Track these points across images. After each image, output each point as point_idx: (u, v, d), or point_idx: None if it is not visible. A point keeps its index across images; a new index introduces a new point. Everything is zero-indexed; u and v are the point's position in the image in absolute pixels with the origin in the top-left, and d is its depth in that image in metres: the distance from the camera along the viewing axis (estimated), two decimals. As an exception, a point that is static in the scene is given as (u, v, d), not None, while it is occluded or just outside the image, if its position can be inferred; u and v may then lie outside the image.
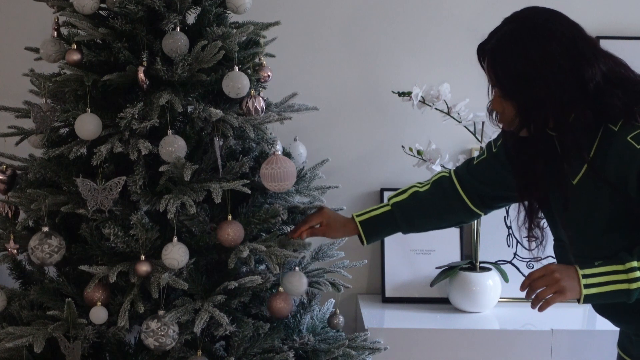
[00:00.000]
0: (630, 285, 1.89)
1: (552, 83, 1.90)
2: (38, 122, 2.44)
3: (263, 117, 2.46)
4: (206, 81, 2.43)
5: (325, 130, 3.22)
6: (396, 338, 2.89)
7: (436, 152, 2.98)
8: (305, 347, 2.60)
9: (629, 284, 1.89)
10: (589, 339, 2.91)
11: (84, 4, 2.39)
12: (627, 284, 1.89)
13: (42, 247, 2.37)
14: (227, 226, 2.37)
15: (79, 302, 2.41)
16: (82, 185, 2.33)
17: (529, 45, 1.92)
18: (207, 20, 2.47)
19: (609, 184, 1.92)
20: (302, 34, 3.20)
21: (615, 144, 1.92)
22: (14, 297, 2.52)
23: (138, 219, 2.33)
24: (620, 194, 1.92)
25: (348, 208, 3.10)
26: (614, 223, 1.96)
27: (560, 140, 1.97)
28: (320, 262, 2.71)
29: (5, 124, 2.63)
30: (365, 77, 3.23)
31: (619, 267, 1.90)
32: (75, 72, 2.39)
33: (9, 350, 2.39)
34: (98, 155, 2.33)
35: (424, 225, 2.43)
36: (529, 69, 1.91)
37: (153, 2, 2.37)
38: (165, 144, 2.35)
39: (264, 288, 2.50)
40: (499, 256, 3.20)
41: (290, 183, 2.41)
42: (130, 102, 2.37)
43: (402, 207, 2.41)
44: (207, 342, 2.49)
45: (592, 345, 2.90)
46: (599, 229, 1.98)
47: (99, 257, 2.40)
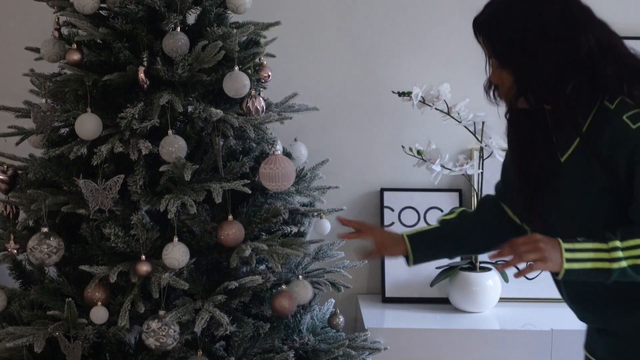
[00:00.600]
0: (612, 264, 1.86)
1: (548, 47, 1.90)
2: (38, 122, 2.44)
3: (263, 117, 2.46)
4: (206, 81, 2.43)
5: (325, 130, 3.22)
6: (396, 338, 2.89)
7: (436, 152, 2.98)
8: (305, 347, 2.60)
9: (610, 263, 1.86)
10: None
11: (84, 4, 2.39)
12: (608, 262, 1.86)
13: (41, 247, 2.37)
14: (227, 226, 2.37)
15: (79, 302, 2.41)
16: (85, 186, 2.33)
17: (524, 10, 1.93)
18: (207, 20, 2.47)
19: (600, 161, 1.92)
20: (302, 34, 3.20)
21: (610, 123, 1.91)
22: (14, 297, 2.52)
23: (139, 218, 2.33)
24: (610, 176, 1.92)
25: (348, 208, 3.10)
26: (601, 208, 1.96)
27: (554, 110, 1.96)
28: (321, 262, 2.71)
29: (6, 123, 2.63)
30: (365, 77, 3.23)
31: (602, 246, 1.87)
32: (76, 72, 2.39)
33: (9, 350, 2.39)
34: (98, 155, 2.33)
35: (472, 244, 2.32)
36: (524, 33, 1.92)
37: (153, 2, 2.37)
38: (166, 144, 2.35)
39: (264, 288, 2.50)
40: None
41: (288, 183, 2.41)
42: (131, 102, 2.38)
43: (451, 224, 2.29)
44: (207, 342, 2.49)
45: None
46: (585, 212, 1.98)
47: (99, 257, 2.40)
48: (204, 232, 2.42)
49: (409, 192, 3.24)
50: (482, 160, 3.05)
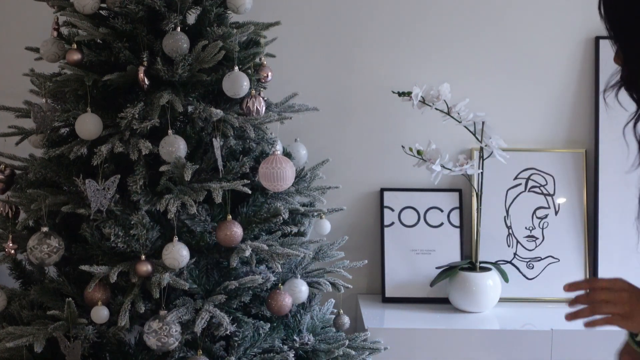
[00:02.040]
0: None
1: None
2: (38, 122, 2.44)
3: (263, 117, 2.46)
4: (206, 81, 2.43)
5: (325, 131, 3.22)
6: (396, 338, 2.89)
7: (436, 152, 2.98)
8: (305, 347, 2.60)
9: None
10: (589, 339, 2.91)
11: (84, 4, 2.39)
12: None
13: (41, 247, 2.37)
14: (225, 226, 2.37)
15: (79, 302, 2.41)
16: (88, 186, 2.32)
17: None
18: (207, 20, 2.47)
19: None
20: (302, 34, 3.20)
21: None
22: (14, 297, 2.52)
23: (139, 218, 2.33)
24: None
25: (348, 208, 3.10)
26: None
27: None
28: (320, 262, 2.71)
29: (6, 123, 2.63)
30: (366, 77, 3.23)
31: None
32: (76, 72, 2.39)
33: (9, 350, 2.39)
34: (98, 155, 2.33)
35: None
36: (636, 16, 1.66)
37: (153, 2, 2.37)
38: (166, 144, 2.35)
39: (264, 288, 2.50)
40: (499, 256, 3.20)
41: (287, 183, 2.41)
42: (131, 102, 2.38)
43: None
44: (207, 342, 2.49)
45: (592, 345, 2.90)
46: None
47: (99, 257, 2.40)
48: (204, 232, 2.42)
49: (409, 192, 3.24)
50: (482, 160, 3.05)
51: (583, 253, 3.18)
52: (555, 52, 3.20)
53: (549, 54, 3.20)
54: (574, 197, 3.20)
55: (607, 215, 3.16)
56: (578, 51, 3.21)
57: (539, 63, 3.20)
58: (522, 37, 3.19)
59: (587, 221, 3.19)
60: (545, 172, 3.22)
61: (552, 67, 3.21)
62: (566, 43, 3.20)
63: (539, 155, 3.22)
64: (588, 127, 3.22)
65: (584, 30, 3.19)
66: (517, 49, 3.19)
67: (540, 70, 3.21)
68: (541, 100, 3.22)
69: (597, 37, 3.17)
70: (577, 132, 3.23)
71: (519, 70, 3.20)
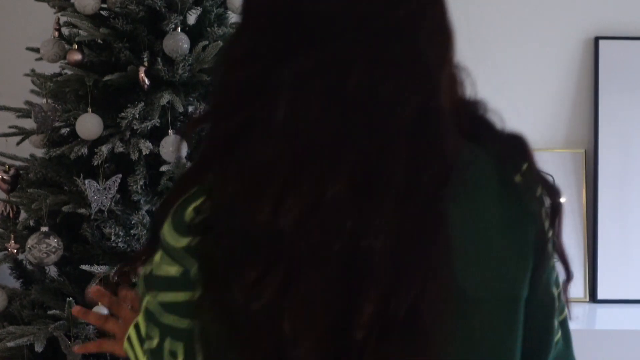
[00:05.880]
0: None
1: None
2: (39, 122, 2.45)
3: (263, 117, 2.47)
4: (207, 81, 2.43)
5: (325, 130, 3.22)
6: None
7: (436, 152, 2.98)
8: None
9: None
10: (589, 339, 2.91)
11: (85, 5, 2.39)
12: None
13: (40, 246, 2.37)
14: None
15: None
16: (89, 186, 2.33)
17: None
18: (208, 21, 2.47)
19: None
20: (302, 34, 3.20)
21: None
22: (15, 296, 2.53)
23: (139, 218, 2.34)
24: None
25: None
26: None
27: None
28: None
29: (6, 124, 2.63)
30: (365, 77, 3.23)
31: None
32: (77, 72, 2.40)
33: (10, 349, 2.40)
34: (99, 155, 2.34)
35: None
36: None
37: (154, 3, 2.37)
38: (166, 144, 2.35)
39: (265, 288, 2.50)
40: (499, 256, 3.21)
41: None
42: (131, 102, 2.38)
43: None
44: (207, 342, 2.50)
45: (592, 345, 2.90)
46: None
47: (100, 257, 2.41)
48: (204, 231, 2.43)
49: (408, 192, 3.24)
50: (482, 160, 3.06)
51: (583, 253, 3.18)
52: (555, 52, 3.20)
53: (549, 54, 3.20)
54: (573, 197, 3.20)
55: (607, 216, 3.16)
56: (578, 51, 3.21)
57: (538, 63, 3.21)
58: (521, 37, 3.19)
59: (587, 221, 3.19)
60: (545, 172, 3.22)
61: (551, 67, 3.21)
62: (566, 43, 3.20)
63: (538, 155, 3.22)
64: (588, 127, 3.23)
65: (584, 30, 3.19)
66: (517, 48, 3.20)
67: (540, 70, 3.21)
68: (540, 100, 3.22)
69: (597, 37, 3.18)
70: (577, 132, 3.24)
71: (518, 70, 3.20)
